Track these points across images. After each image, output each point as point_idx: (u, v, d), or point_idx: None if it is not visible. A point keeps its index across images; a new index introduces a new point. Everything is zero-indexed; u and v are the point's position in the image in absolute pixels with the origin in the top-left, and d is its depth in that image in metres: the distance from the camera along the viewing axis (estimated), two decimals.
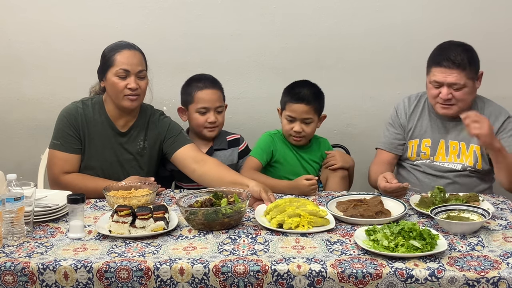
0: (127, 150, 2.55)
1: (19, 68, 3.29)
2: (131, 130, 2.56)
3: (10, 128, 3.33)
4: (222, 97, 2.75)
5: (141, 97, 2.51)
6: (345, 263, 1.73)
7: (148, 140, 2.58)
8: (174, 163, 2.57)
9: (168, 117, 2.66)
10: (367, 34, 3.17)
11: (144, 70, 2.50)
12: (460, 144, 2.57)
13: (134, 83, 2.44)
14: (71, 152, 2.48)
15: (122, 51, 2.47)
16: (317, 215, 2.05)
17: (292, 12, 3.16)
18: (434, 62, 2.52)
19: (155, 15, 3.19)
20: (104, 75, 2.49)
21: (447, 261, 1.74)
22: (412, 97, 2.72)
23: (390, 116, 2.74)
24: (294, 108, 2.62)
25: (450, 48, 2.50)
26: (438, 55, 2.52)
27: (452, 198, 2.22)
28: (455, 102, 2.50)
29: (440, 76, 2.47)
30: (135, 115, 2.57)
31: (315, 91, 2.67)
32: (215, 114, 2.70)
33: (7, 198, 1.88)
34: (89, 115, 2.51)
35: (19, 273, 1.74)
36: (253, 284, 1.70)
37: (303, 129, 2.64)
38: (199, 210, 2.00)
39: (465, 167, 2.56)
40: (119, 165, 2.55)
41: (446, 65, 2.45)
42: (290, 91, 2.68)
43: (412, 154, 2.65)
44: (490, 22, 3.11)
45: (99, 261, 1.76)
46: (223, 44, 3.21)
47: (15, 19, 3.22)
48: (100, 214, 2.21)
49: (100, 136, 2.52)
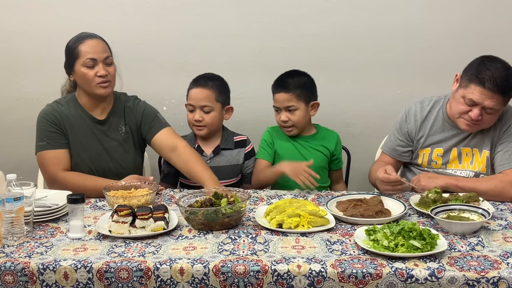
0: (110, 137, 2.58)
1: (19, 68, 3.29)
2: (110, 117, 2.59)
3: (10, 128, 3.33)
4: (212, 97, 2.71)
5: (112, 83, 2.55)
6: (345, 263, 1.73)
7: (128, 124, 2.62)
8: (153, 148, 2.65)
9: (143, 100, 2.70)
10: (367, 34, 3.16)
11: (110, 56, 2.54)
12: (473, 151, 2.50)
13: (103, 70, 2.48)
14: (59, 148, 2.50)
15: (85, 41, 2.50)
16: (317, 215, 2.05)
17: (292, 12, 3.16)
18: (476, 78, 2.31)
19: (155, 15, 3.19)
20: (72, 68, 2.52)
21: (447, 261, 1.74)
22: (425, 102, 2.60)
23: (400, 119, 2.64)
24: (276, 97, 2.68)
25: (497, 68, 2.30)
26: (482, 73, 2.30)
27: (452, 198, 2.21)
28: (482, 123, 2.38)
29: (479, 97, 2.30)
30: (110, 102, 2.60)
31: (299, 78, 2.68)
32: (201, 113, 2.71)
33: (7, 198, 1.88)
34: (65, 111, 2.54)
35: (19, 273, 1.74)
36: (253, 284, 1.70)
37: (289, 118, 2.65)
38: (199, 210, 2.00)
39: (478, 174, 2.50)
40: (106, 153, 2.57)
41: (489, 87, 2.28)
42: (274, 82, 2.72)
43: (423, 162, 2.58)
44: (491, 22, 3.11)
45: (99, 261, 1.76)
46: (223, 44, 3.21)
47: (15, 19, 3.23)
48: (100, 214, 2.21)
49: (81, 129, 2.54)
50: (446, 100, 2.56)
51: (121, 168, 2.58)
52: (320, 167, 2.73)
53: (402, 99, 3.10)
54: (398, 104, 2.96)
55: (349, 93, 3.23)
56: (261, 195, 2.44)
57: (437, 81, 3.07)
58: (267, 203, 2.31)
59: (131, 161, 2.62)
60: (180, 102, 3.09)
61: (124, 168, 2.59)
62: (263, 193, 2.47)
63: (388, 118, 2.83)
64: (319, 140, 2.76)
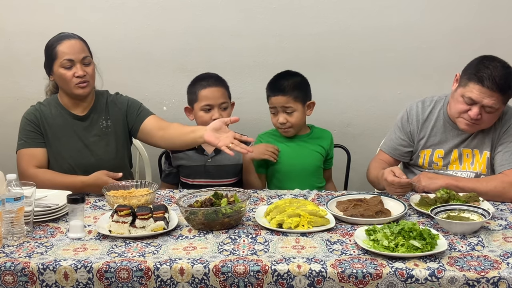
0: (91, 132, 2.59)
1: (19, 68, 3.29)
2: (91, 113, 2.60)
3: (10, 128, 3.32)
4: (226, 94, 2.76)
5: (91, 83, 2.55)
6: (345, 263, 1.73)
7: (111, 118, 2.62)
8: (142, 137, 2.64)
9: (125, 95, 2.70)
10: (367, 34, 3.16)
11: (88, 56, 2.54)
12: (473, 152, 2.50)
13: (81, 70, 2.49)
14: (34, 146, 2.53)
15: (62, 42, 2.51)
16: (317, 215, 2.05)
17: (292, 12, 3.16)
18: (475, 77, 2.31)
19: (155, 15, 3.19)
20: (51, 69, 2.54)
21: (447, 261, 1.74)
22: (426, 102, 2.59)
23: (401, 118, 2.63)
24: (273, 100, 2.67)
25: (496, 66, 2.31)
26: (481, 71, 2.31)
27: (452, 198, 2.21)
28: (481, 122, 2.38)
29: (478, 95, 2.31)
30: (91, 100, 2.61)
31: (293, 80, 2.67)
32: (220, 111, 2.71)
33: (7, 198, 1.88)
34: (47, 111, 2.57)
35: (19, 273, 1.74)
36: (253, 284, 1.70)
37: (287, 120, 2.65)
38: (199, 210, 2.00)
39: (478, 175, 2.49)
40: (87, 149, 2.58)
41: (488, 85, 2.28)
42: (269, 84, 2.72)
43: (424, 163, 2.57)
44: (491, 23, 3.10)
45: (99, 261, 1.76)
46: (223, 44, 3.21)
47: (15, 19, 3.23)
48: (100, 214, 2.21)
49: (61, 128, 2.56)
50: (447, 100, 2.56)
51: (103, 161, 2.57)
52: (317, 166, 2.73)
53: (402, 99, 3.10)
54: (398, 104, 2.96)
55: (349, 93, 3.23)
56: (261, 195, 2.44)
57: (437, 82, 3.07)
58: (267, 203, 2.31)
59: (113, 154, 2.61)
60: (180, 102, 3.08)
61: (106, 161, 2.57)
62: (263, 193, 2.47)
63: (388, 118, 2.83)
64: (315, 140, 2.76)
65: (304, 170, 2.70)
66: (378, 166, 2.56)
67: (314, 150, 2.73)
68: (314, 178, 2.73)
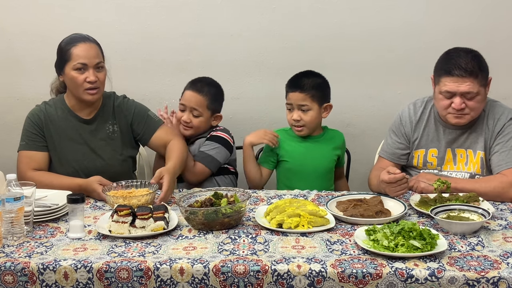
0: (97, 136, 2.58)
1: (19, 68, 3.29)
2: (97, 117, 2.59)
3: (10, 128, 3.33)
4: (204, 104, 2.73)
5: (101, 89, 2.53)
6: (345, 263, 1.73)
7: (118, 123, 2.61)
8: (151, 147, 2.68)
9: (132, 99, 2.69)
10: (367, 34, 3.17)
11: (101, 61, 2.52)
12: (467, 152, 2.51)
13: (93, 75, 2.46)
14: (35, 150, 2.51)
15: (78, 45, 2.48)
16: (317, 215, 2.05)
17: (292, 12, 3.16)
18: (444, 71, 2.39)
19: (155, 15, 3.19)
20: (62, 69, 2.51)
21: (447, 261, 1.74)
22: (417, 103, 2.62)
23: (394, 122, 2.65)
24: (290, 96, 2.67)
25: (459, 55, 2.37)
26: (447, 64, 2.39)
27: (452, 198, 2.22)
28: (469, 111, 2.40)
29: (453, 85, 2.36)
30: (98, 104, 2.59)
31: (314, 79, 2.68)
32: (190, 115, 2.74)
33: (7, 198, 1.88)
34: (52, 112, 2.55)
35: (19, 273, 1.74)
36: (253, 284, 1.70)
37: (301, 117, 2.65)
38: (199, 210, 2.00)
39: (473, 175, 2.50)
40: (92, 152, 2.56)
41: (458, 73, 2.33)
42: (289, 80, 2.73)
43: (418, 164, 2.58)
44: (492, 24, 3.10)
45: (99, 261, 1.76)
46: (223, 44, 3.21)
47: (15, 19, 3.22)
48: (100, 214, 2.21)
49: (66, 130, 2.54)
50: None
51: (109, 166, 2.56)
52: (328, 168, 2.74)
53: (402, 99, 3.09)
54: (398, 104, 2.95)
55: (349, 93, 3.23)
56: (261, 195, 2.44)
57: None
58: (267, 203, 2.31)
59: (119, 160, 2.61)
60: None
61: (111, 166, 2.57)
62: (263, 193, 2.47)
63: (388, 118, 2.82)
64: (328, 141, 2.76)
65: (315, 171, 2.70)
66: (378, 174, 2.56)
67: (326, 152, 2.74)
68: (325, 180, 2.73)
